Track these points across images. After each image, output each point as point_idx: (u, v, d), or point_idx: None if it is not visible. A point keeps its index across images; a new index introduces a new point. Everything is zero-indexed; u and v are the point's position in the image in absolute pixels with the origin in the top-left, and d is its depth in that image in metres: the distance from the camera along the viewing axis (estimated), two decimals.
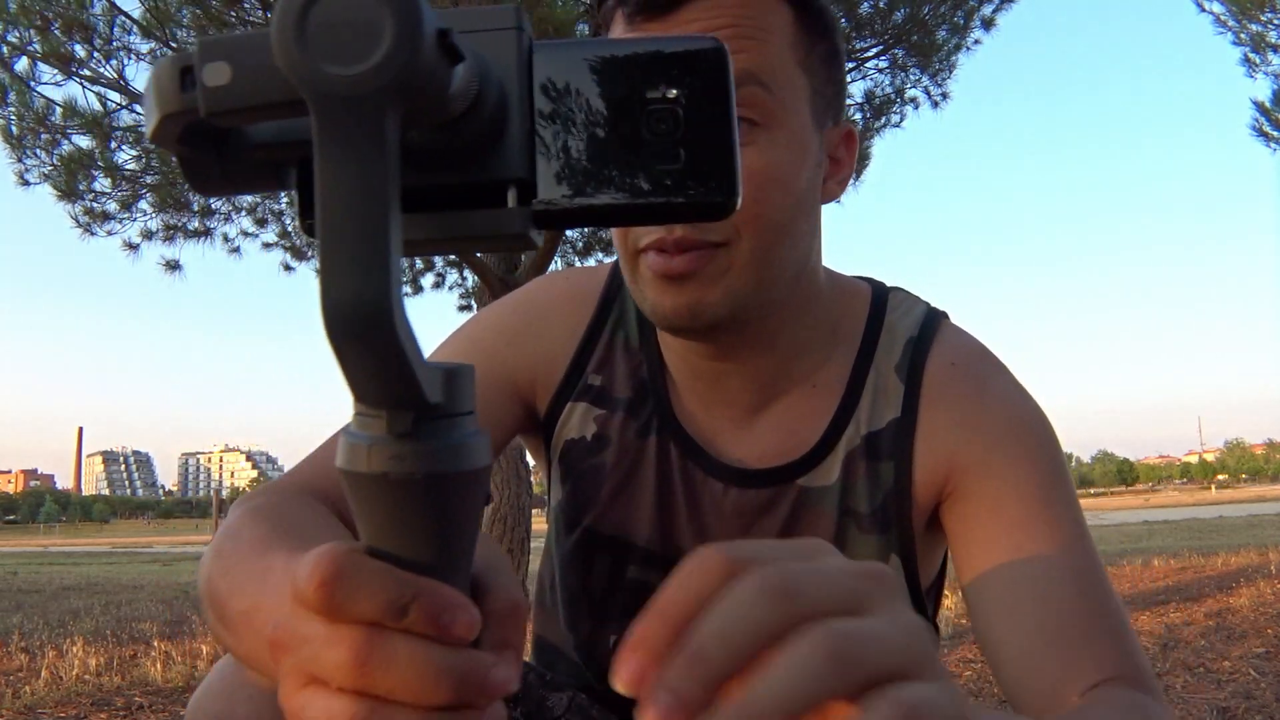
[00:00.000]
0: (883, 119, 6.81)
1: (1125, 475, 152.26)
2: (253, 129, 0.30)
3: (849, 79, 7.19)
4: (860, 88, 6.73)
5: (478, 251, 0.37)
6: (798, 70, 0.70)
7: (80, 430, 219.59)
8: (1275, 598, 4.61)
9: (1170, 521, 20.95)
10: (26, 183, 6.01)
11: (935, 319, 0.81)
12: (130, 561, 17.46)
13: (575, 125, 0.31)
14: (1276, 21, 7.97)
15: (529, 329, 0.84)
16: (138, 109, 5.84)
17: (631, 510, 0.81)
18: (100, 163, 5.88)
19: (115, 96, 5.68)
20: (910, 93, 6.81)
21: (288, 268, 7.99)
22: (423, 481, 0.29)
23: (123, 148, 5.97)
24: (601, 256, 6.91)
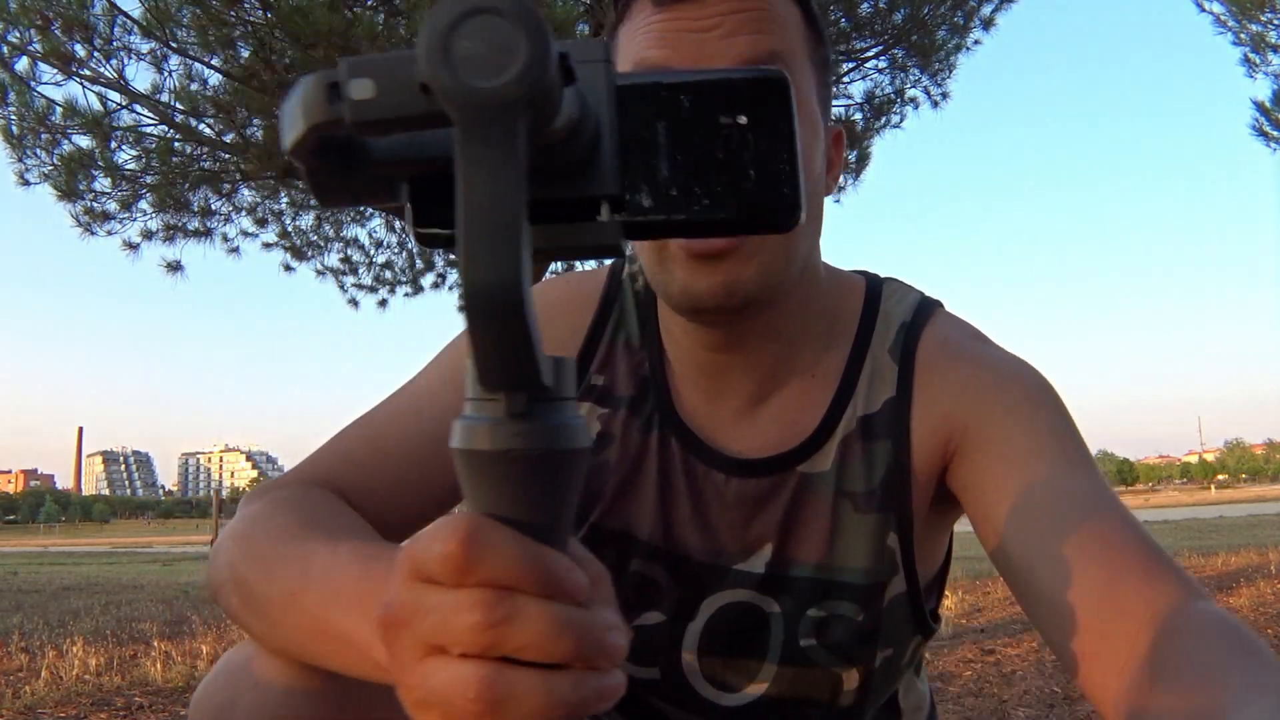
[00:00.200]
0: (883, 119, 6.82)
1: (1125, 475, 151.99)
2: (374, 146, 0.33)
3: (849, 79, 7.14)
4: (860, 88, 6.74)
5: (574, 260, 0.40)
6: (808, 63, 0.74)
7: (80, 430, 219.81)
8: (1275, 598, 4.62)
9: (1170, 521, 20.96)
10: (26, 182, 6.01)
11: (929, 305, 0.82)
12: (130, 561, 17.47)
13: (658, 147, 0.35)
14: (1276, 21, 7.98)
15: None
16: (138, 108, 5.85)
17: (635, 505, 0.82)
18: (100, 163, 5.88)
19: (115, 96, 5.68)
20: (910, 93, 6.82)
21: (288, 268, 7.99)
22: (540, 457, 0.33)
23: (123, 148, 5.97)
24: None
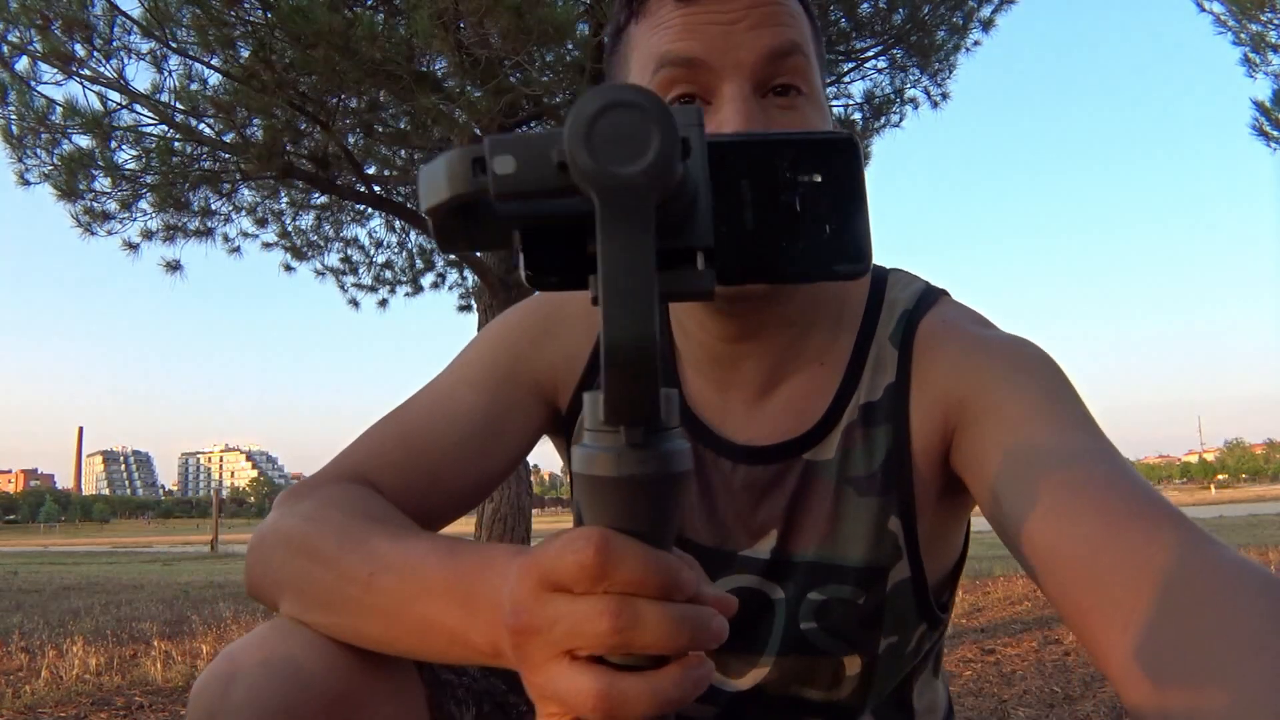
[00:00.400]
0: (882, 119, 6.82)
1: None
2: (497, 205, 0.36)
3: (849, 79, 7.11)
4: (860, 88, 6.73)
5: (670, 302, 0.43)
6: (816, 58, 0.76)
7: (80, 430, 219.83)
8: None
9: None
10: (26, 182, 6.01)
11: (932, 293, 0.82)
12: (130, 561, 17.45)
13: (745, 202, 0.39)
14: (1276, 21, 7.98)
15: (550, 330, 0.87)
16: (138, 108, 5.84)
17: None
18: (100, 162, 5.87)
19: (115, 96, 5.67)
20: (910, 93, 6.82)
21: (288, 268, 7.99)
22: (655, 481, 0.37)
23: (123, 147, 5.97)
24: None
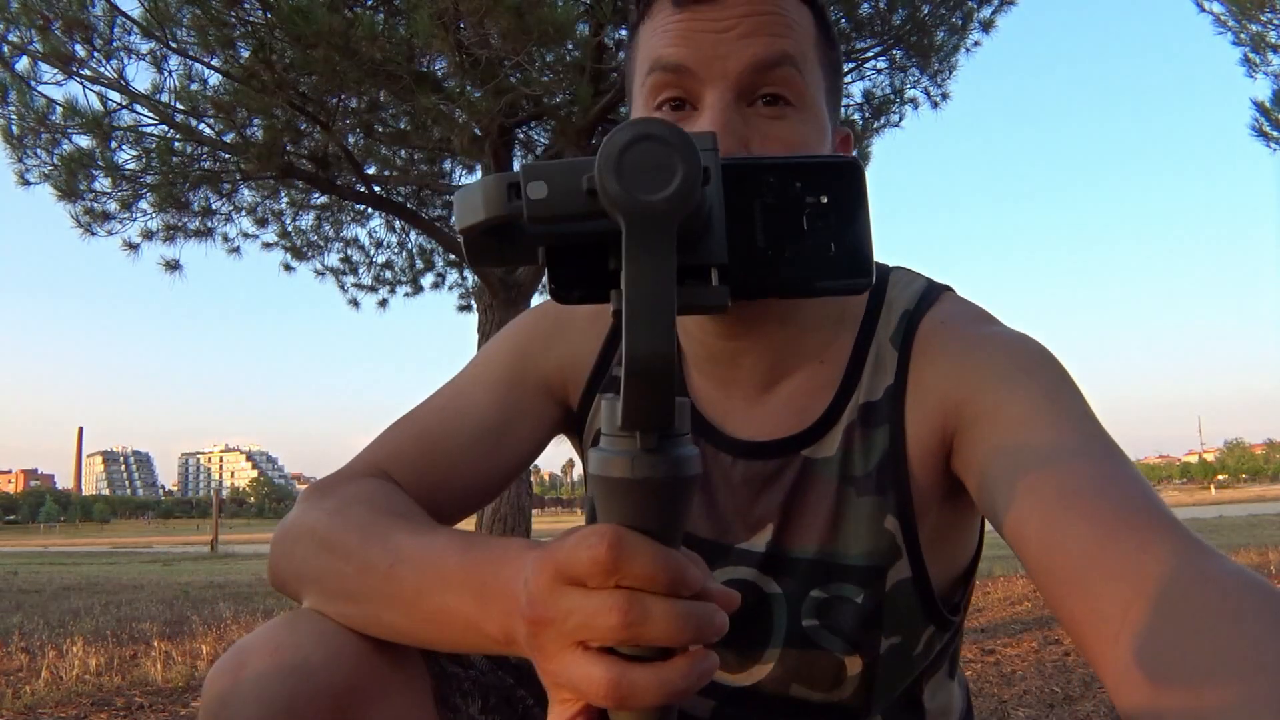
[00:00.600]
0: (882, 119, 6.82)
1: None
2: (526, 226, 0.38)
3: (849, 79, 7.15)
4: (860, 88, 6.74)
5: (686, 314, 0.44)
6: (818, 66, 0.75)
7: (80, 430, 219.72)
8: None
9: None
10: (27, 182, 6.01)
11: (934, 291, 0.82)
12: (130, 561, 17.45)
13: (756, 222, 0.42)
14: (1276, 21, 7.98)
15: (560, 331, 0.89)
16: (138, 108, 5.84)
17: None
18: (100, 162, 5.88)
19: (115, 96, 5.68)
20: (910, 93, 6.82)
21: (288, 268, 8.00)
22: (666, 483, 0.40)
23: (123, 148, 5.97)
24: None
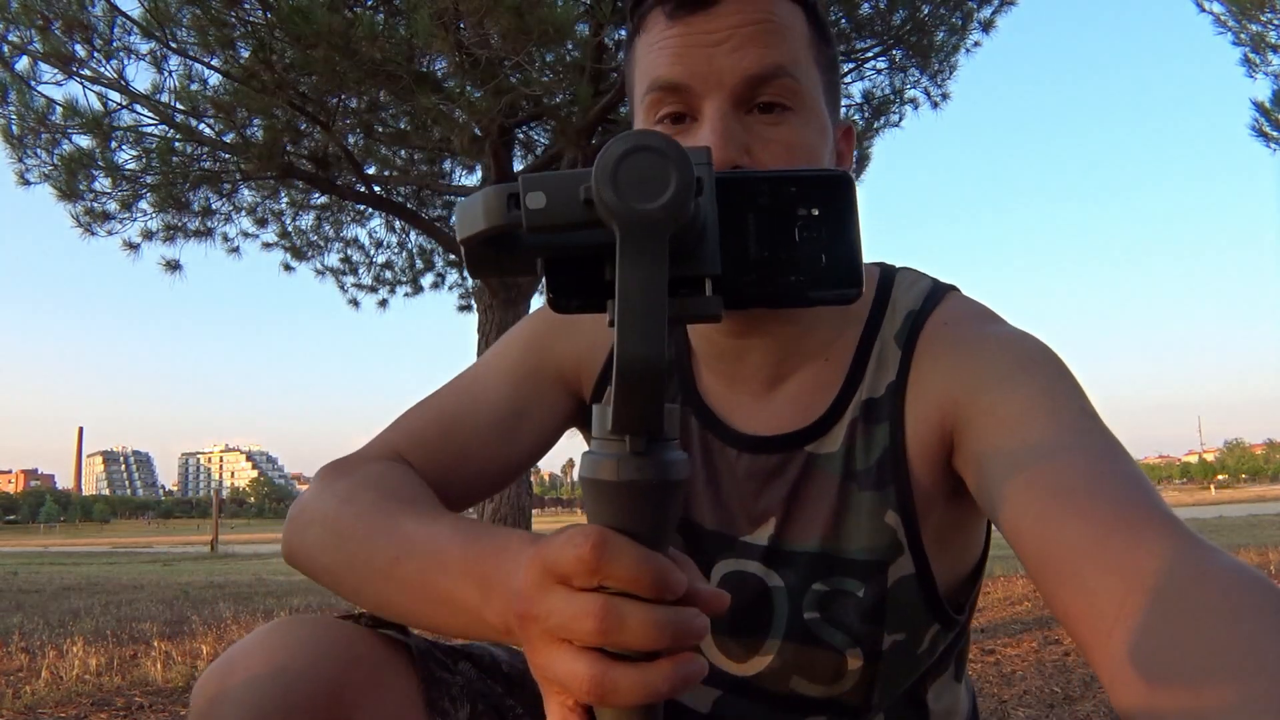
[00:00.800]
0: (882, 119, 6.82)
1: None
2: (525, 236, 0.40)
3: (849, 79, 7.13)
4: (860, 88, 6.73)
5: (681, 324, 0.46)
6: (814, 66, 0.76)
7: (80, 430, 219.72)
8: None
9: None
10: (27, 182, 6.01)
11: (940, 291, 0.83)
12: (130, 561, 17.45)
13: (749, 234, 0.42)
14: (1276, 21, 7.98)
15: (576, 323, 0.90)
16: (138, 109, 5.84)
17: None
18: (100, 162, 5.88)
19: (115, 96, 5.68)
20: (910, 93, 6.82)
21: (288, 268, 7.99)
22: (654, 486, 0.40)
23: (123, 148, 5.97)
24: None
